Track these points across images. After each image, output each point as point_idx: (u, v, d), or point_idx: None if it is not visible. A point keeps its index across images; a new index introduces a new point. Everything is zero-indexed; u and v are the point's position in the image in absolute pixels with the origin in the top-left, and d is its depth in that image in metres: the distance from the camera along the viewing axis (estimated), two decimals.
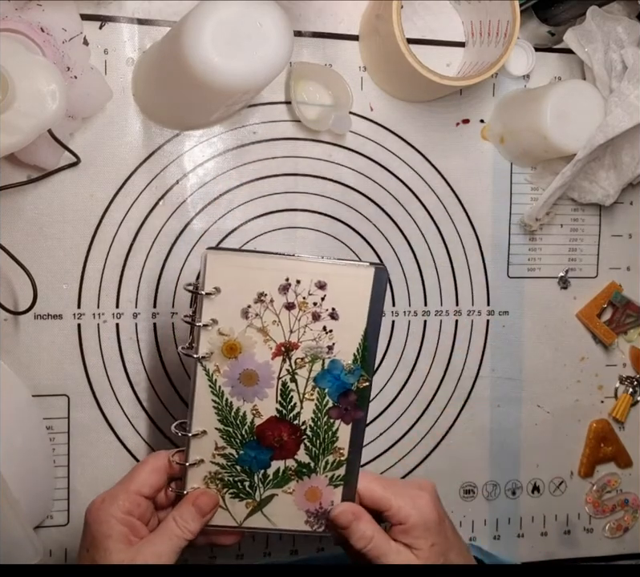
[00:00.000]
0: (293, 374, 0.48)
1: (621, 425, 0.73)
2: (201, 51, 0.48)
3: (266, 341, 0.47)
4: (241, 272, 0.46)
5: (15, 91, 0.48)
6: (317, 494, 0.50)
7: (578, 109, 0.61)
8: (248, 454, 0.49)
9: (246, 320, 0.47)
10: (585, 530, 0.72)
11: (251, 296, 0.47)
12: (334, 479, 0.50)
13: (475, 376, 0.68)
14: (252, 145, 0.62)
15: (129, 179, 0.60)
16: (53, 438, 0.59)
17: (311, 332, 0.47)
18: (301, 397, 0.48)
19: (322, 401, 0.48)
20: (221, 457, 0.49)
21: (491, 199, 0.67)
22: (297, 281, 0.47)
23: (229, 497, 0.49)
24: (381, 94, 0.64)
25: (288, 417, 0.48)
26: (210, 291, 0.46)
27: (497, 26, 0.60)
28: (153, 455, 0.50)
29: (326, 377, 0.48)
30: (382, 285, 0.47)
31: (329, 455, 0.49)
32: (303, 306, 0.47)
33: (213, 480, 0.49)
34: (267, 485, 0.49)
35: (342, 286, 0.47)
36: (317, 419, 0.49)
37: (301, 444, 0.49)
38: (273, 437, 0.49)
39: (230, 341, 0.47)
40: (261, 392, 0.48)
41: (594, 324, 0.70)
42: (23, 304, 0.57)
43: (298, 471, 0.49)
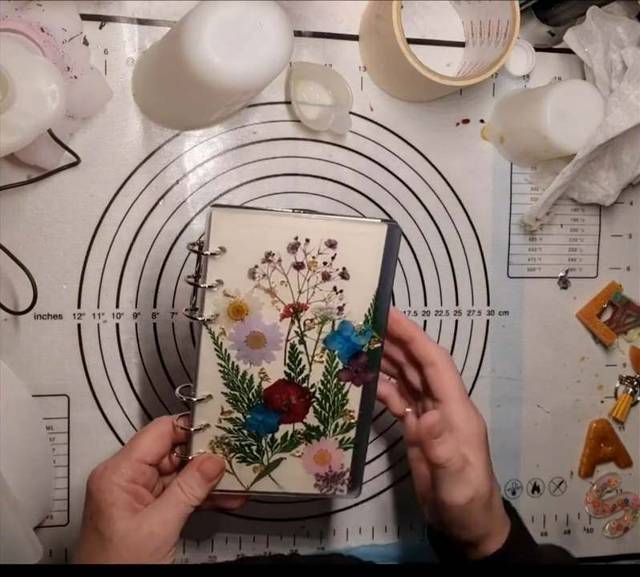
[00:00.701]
0: (302, 336, 0.46)
1: (621, 425, 0.73)
2: (201, 51, 0.48)
3: (274, 303, 0.46)
4: (248, 230, 0.44)
5: (15, 91, 0.48)
6: (326, 457, 0.49)
7: (578, 109, 0.61)
8: (255, 418, 0.47)
9: (253, 280, 0.45)
10: (585, 530, 0.72)
11: (258, 255, 0.45)
12: (344, 442, 0.49)
13: (475, 376, 0.68)
14: (252, 145, 0.62)
15: (129, 179, 0.60)
16: (53, 438, 0.59)
17: (321, 293, 0.46)
18: (310, 359, 0.47)
19: (332, 364, 0.47)
20: (228, 422, 0.48)
21: (491, 199, 0.67)
22: (306, 240, 0.45)
23: (236, 461, 0.48)
24: (381, 94, 0.64)
25: (296, 379, 0.47)
26: (215, 251, 0.44)
27: (497, 26, 0.60)
28: (156, 421, 0.48)
29: (336, 338, 0.47)
30: (394, 243, 0.45)
31: (339, 418, 0.48)
32: (312, 266, 0.45)
33: (219, 445, 0.48)
34: (275, 449, 0.48)
35: (353, 244, 0.45)
36: (326, 382, 0.47)
37: (310, 407, 0.48)
38: (281, 401, 0.47)
39: (236, 303, 0.45)
40: (269, 354, 0.47)
41: (594, 324, 0.70)
42: (23, 304, 0.57)
43: (307, 434, 0.48)
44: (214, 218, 0.44)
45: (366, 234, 0.45)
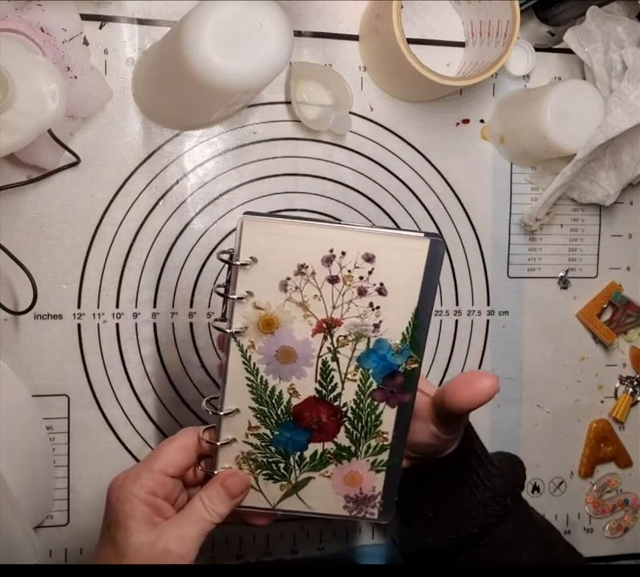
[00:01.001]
0: (334, 353, 0.44)
1: (621, 425, 0.73)
2: (201, 51, 0.48)
3: (306, 317, 0.43)
4: (281, 241, 0.42)
5: (15, 91, 0.48)
6: (357, 479, 0.47)
7: (578, 109, 0.61)
8: (283, 435, 0.46)
9: (285, 293, 0.43)
10: (585, 530, 0.72)
11: (291, 267, 0.43)
12: (377, 464, 0.46)
13: None
14: (252, 145, 0.62)
15: (129, 179, 0.60)
16: (53, 438, 0.59)
17: (356, 309, 0.43)
18: (342, 377, 0.45)
19: (366, 383, 0.45)
20: (255, 437, 0.46)
21: (491, 199, 0.67)
22: (342, 253, 0.42)
23: (263, 478, 0.47)
24: (381, 94, 0.64)
25: (328, 397, 0.45)
26: (246, 261, 0.42)
27: (497, 26, 0.60)
28: (182, 432, 0.47)
29: (371, 357, 0.44)
30: (437, 259, 0.43)
31: (371, 439, 0.46)
32: (348, 280, 0.43)
33: (246, 460, 0.46)
34: (303, 467, 0.47)
35: (392, 259, 0.42)
36: (359, 401, 0.45)
37: (342, 426, 0.46)
38: (311, 419, 0.45)
39: (267, 316, 0.43)
40: (299, 370, 0.44)
41: (594, 324, 0.70)
42: (23, 304, 0.57)
43: (337, 454, 0.46)
44: (245, 227, 0.42)
45: (406, 248, 0.42)
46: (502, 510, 0.50)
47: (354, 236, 0.42)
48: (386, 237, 0.42)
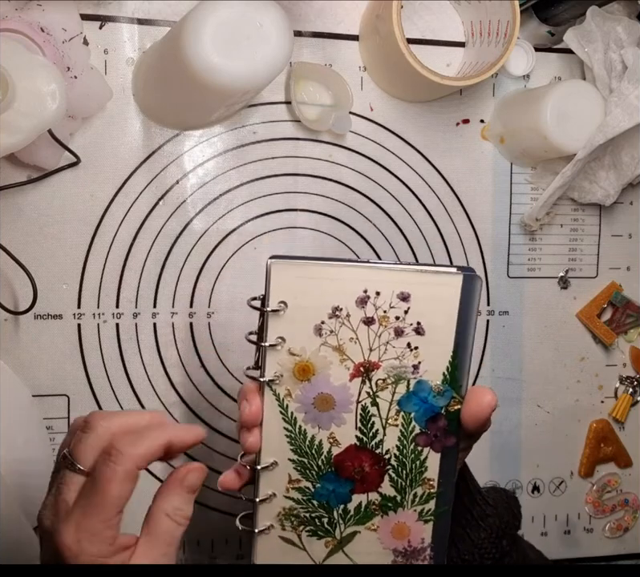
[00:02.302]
0: (374, 397, 0.42)
1: (621, 425, 0.73)
2: (201, 51, 0.48)
3: (343, 361, 0.42)
4: (312, 283, 0.41)
5: (15, 91, 0.48)
6: (405, 530, 0.44)
7: (578, 109, 0.61)
8: (325, 488, 0.43)
9: (320, 337, 0.41)
10: (585, 530, 0.72)
11: (324, 310, 0.41)
12: (424, 514, 0.44)
13: (475, 376, 0.68)
14: (252, 145, 0.62)
15: (129, 179, 0.60)
16: (53, 438, 0.59)
17: (394, 350, 0.42)
18: (383, 422, 0.43)
19: (408, 427, 0.43)
20: (296, 492, 0.43)
21: (491, 199, 0.68)
22: (376, 293, 0.41)
23: (306, 535, 0.44)
24: (381, 94, 0.64)
25: (369, 445, 0.43)
26: (277, 307, 0.41)
27: (497, 26, 0.60)
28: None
29: (412, 399, 0.42)
30: (473, 293, 0.41)
31: (417, 487, 0.43)
32: (384, 321, 0.41)
33: (288, 517, 0.44)
34: (348, 521, 0.44)
35: (427, 296, 0.41)
36: (402, 447, 0.43)
37: (385, 475, 0.43)
38: (353, 468, 0.43)
39: (302, 362, 0.42)
40: (339, 418, 0.42)
41: (594, 324, 0.70)
42: (23, 304, 0.57)
43: (383, 505, 0.44)
44: (274, 271, 0.40)
45: (440, 284, 0.41)
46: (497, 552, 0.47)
47: (387, 274, 0.41)
48: (419, 274, 0.41)
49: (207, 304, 0.62)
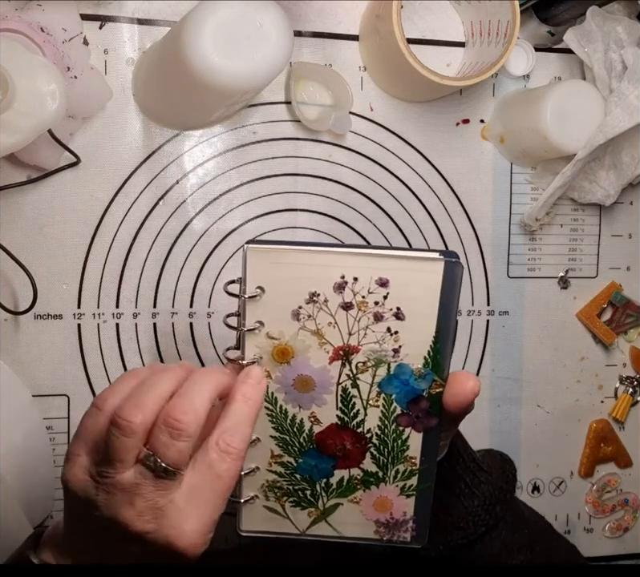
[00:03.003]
0: (354, 379, 0.43)
1: (621, 425, 0.73)
2: (201, 51, 0.48)
3: (322, 345, 0.42)
4: (289, 269, 0.41)
5: (15, 91, 0.48)
6: (387, 504, 0.45)
7: (578, 109, 0.61)
8: (307, 463, 0.44)
9: (298, 322, 0.42)
10: (585, 530, 0.72)
11: (302, 296, 0.41)
12: (406, 489, 0.45)
13: (476, 376, 0.68)
14: (252, 145, 0.62)
15: (129, 179, 0.60)
16: (53, 438, 0.59)
17: (373, 334, 0.42)
18: (364, 403, 0.43)
19: (389, 408, 0.43)
20: (279, 466, 0.45)
21: (491, 199, 0.68)
22: (354, 278, 0.41)
23: (290, 505, 0.45)
24: (381, 94, 0.64)
25: (350, 424, 0.44)
26: (254, 293, 0.41)
27: (497, 26, 0.60)
28: None
29: (393, 382, 0.43)
30: (454, 279, 0.41)
31: (399, 464, 0.44)
32: (363, 306, 0.41)
33: (271, 488, 0.45)
34: (331, 494, 0.45)
35: (407, 282, 0.41)
36: (384, 427, 0.44)
37: (367, 452, 0.44)
38: (334, 446, 0.44)
39: (281, 345, 0.42)
40: (319, 398, 0.43)
41: (594, 324, 0.70)
42: (23, 304, 0.57)
43: (365, 480, 0.45)
44: (250, 256, 0.41)
45: (421, 271, 0.41)
46: (492, 519, 0.48)
47: (365, 260, 0.41)
48: (398, 260, 0.41)
49: (207, 304, 0.62)
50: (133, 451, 0.39)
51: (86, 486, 0.40)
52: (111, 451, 0.39)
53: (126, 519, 0.39)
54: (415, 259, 0.41)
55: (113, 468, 0.39)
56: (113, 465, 0.39)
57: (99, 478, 0.40)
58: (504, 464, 0.52)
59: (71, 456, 0.41)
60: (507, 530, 0.49)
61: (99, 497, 0.40)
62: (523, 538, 0.49)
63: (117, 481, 0.39)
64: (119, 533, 0.39)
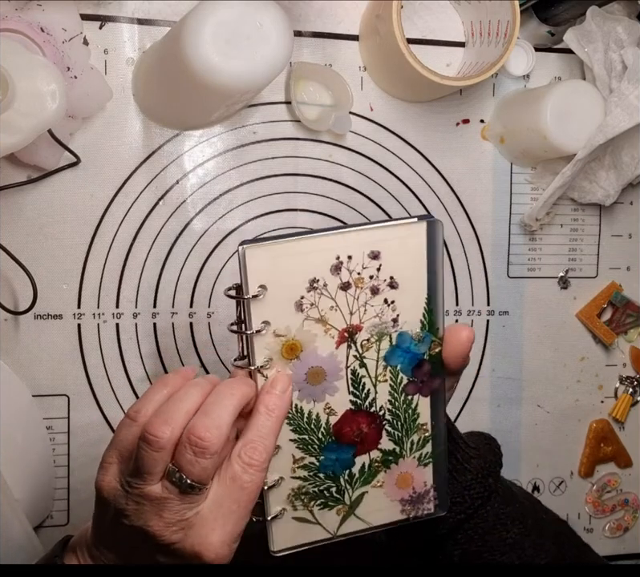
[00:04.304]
0: (361, 359, 0.43)
1: (621, 425, 0.73)
2: (201, 51, 0.48)
3: (327, 331, 0.42)
4: (287, 261, 0.41)
5: (15, 91, 0.48)
6: (408, 479, 0.46)
7: (578, 109, 0.61)
8: (329, 458, 0.44)
9: (302, 313, 0.42)
10: (585, 530, 0.72)
11: (302, 285, 0.41)
12: (423, 458, 0.46)
13: (476, 376, 0.68)
14: (252, 145, 0.62)
15: (129, 179, 0.60)
16: (53, 438, 0.59)
17: (372, 309, 0.43)
18: (373, 381, 0.44)
19: (397, 380, 0.44)
20: (302, 469, 0.44)
21: (491, 199, 0.68)
22: (348, 257, 0.41)
23: (318, 509, 0.45)
24: (381, 94, 0.64)
25: (364, 406, 0.44)
26: (256, 292, 0.41)
27: (497, 26, 0.60)
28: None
29: (396, 352, 0.44)
30: (437, 239, 0.42)
31: (413, 435, 0.45)
32: (359, 282, 0.42)
33: (297, 496, 0.44)
34: (355, 484, 0.45)
35: (395, 250, 0.42)
36: (394, 400, 0.44)
37: (383, 431, 0.45)
38: (352, 433, 0.44)
39: (289, 341, 0.42)
40: (331, 387, 0.43)
41: (594, 324, 0.70)
42: (23, 304, 0.57)
43: (385, 460, 0.45)
44: (248, 256, 0.40)
45: (406, 236, 0.42)
46: (486, 490, 0.49)
47: (355, 236, 0.42)
48: (384, 230, 0.42)
49: (207, 304, 0.62)
50: (161, 465, 0.40)
51: (117, 495, 0.41)
52: (140, 464, 0.40)
53: (154, 529, 0.40)
54: (401, 225, 0.42)
55: (142, 480, 0.40)
56: (142, 477, 0.40)
57: (129, 489, 0.41)
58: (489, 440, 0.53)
59: (105, 464, 0.43)
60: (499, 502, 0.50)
61: (129, 506, 0.40)
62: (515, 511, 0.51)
63: (145, 493, 0.40)
64: (147, 542, 0.40)
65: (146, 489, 0.40)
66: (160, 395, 0.43)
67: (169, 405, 0.41)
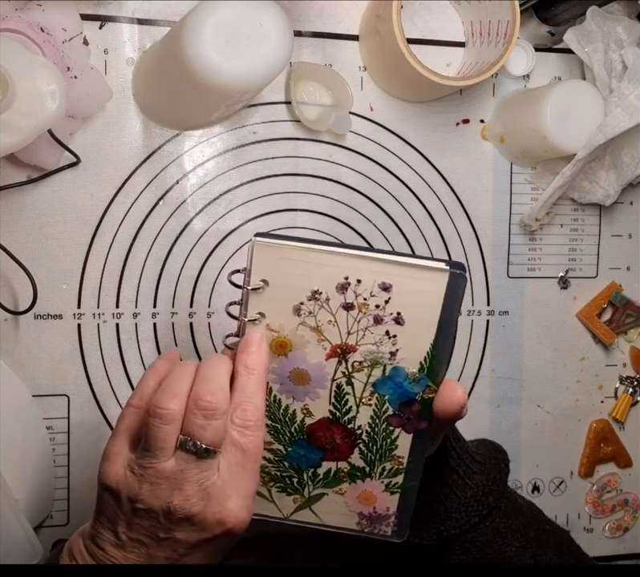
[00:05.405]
0: (349, 377, 0.44)
1: (621, 425, 0.73)
2: (201, 51, 0.48)
3: (320, 341, 0.43)
4: (293, 265, 0.41)
5: (15, 91, 0.48)
6: (371, 498, 0.46)
7: (578, 109, 0.61)
8: (296, 452, 0.45)
9: (298, 317, 0.42)
10: (585, 530, 0.72)
11: (304, 292, 0.42)
12: (391, 486, 0.46)
13: (476, 376, 0.68)
14: (252, 145, 0.62)
15: (129, 179, 0.60)
16: (53, 438, 0.59)
17: (372, 336, 0.43)
18: (357, 401, 0.44)
19: (381, 408, 0.44)
20: (268, 452, 0.46)
21: (491, 199, 0.68)
22: (357, 281, 0.41)
23: (276, 491, 0.47)
24: (381, 94, 0.64)
25: (342, 420, 0.45)
26: (257, 285, 0.42)
27: (497, 26, 0.60)
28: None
29: (387, 383, 0.44)
30: (458, 291, 0.41)
31: (386, 462, 0.45)
32: (364, 308, 0.42)
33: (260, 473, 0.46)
34: (317, 483, 0.46)
35: (410, 289, 0.41)
36: (374, 425, 0.45)
37: (356, 448, 0.45)
38: (324, 439, 0.45)
39: (280, 338, 0.43)
40: (313, 392, 0.44)
41: (594, 324, 0.70)
42: (23, 304, 0.57)
43: (351, 474, 0.46)
44: (257, 249, 0.41)
45: (425, 279, 0.41)
46: (485, 509, 0.49)
47: (371, 264, 0.41)
48: (403, 267, 0.41)
49: (207, 304, 0.62)
50: (172, 439, 0.41)
51: (128, 481, 0.42)
52: (152, 441, 0.41)
53: (175, 505, 0.40)
54: (421, 267, 0.41)
55: (155, 458, 0.41)
56: (154, 455, 0.41)
57: (142, 471, 0.41)
58: (498, 454, 0.53)
59: (111, 455, 0.44)
60: (500, 517, 0.50)
61: (143, 489, 0.41)
62: (517, 524, 0.50)
63: (160, 470, 0.41)
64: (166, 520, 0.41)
65: (160, 466, 0.41)
66: (155, 381, 0.44)
67: (170, 382, 0.43)
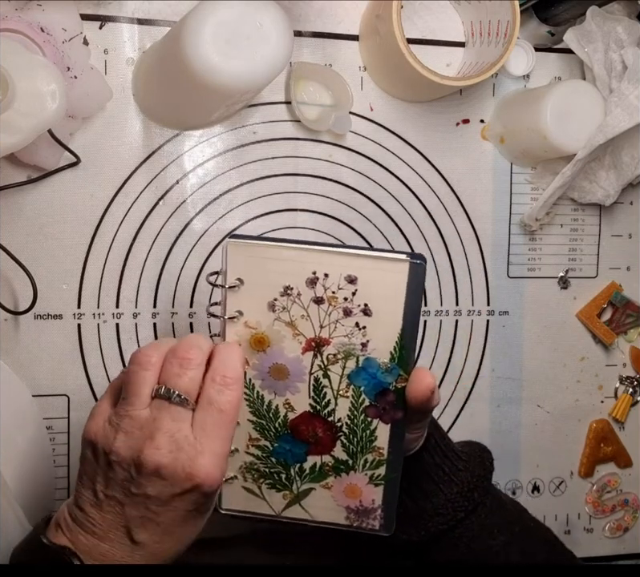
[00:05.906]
0: (325, 370, 0.45)
1: (621, 425, 0.73)
2: (201, 51, 0.48)
3: (295, 336, 0.45)
4: (265, 263, 0.44)
5: (15, 91, 0.48)
6: (356, 491, 0.48)
7: (578, 109, 0.61)
8: (282, 447, 0.47)
9: (273, 313, 0.45)
10: (585, 530, 0.72)
11: (277, 288, 0.44)
12: (375, 478, 0.47)
13: (475, 376, 0.68)
14: (252, 145, 0.62)
15: (129, 179, 0.60)
16: (53, 438, 0.59)
17: (343, 328, 0.45)
18: (335, 393, 0.46)
19: (358, 400, 0.46)
20: (256, 449, 0.47)
21: (491, 199, 0.68)
22: (325, 275, 0.44)
23: (266, 487, 0.48)
24: (381, 94, 0.64)
25: (322, 413, 0.46)
26: (233, 283, 0.44)
27: (497, 26, 0.60)
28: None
29: (361, 374, 0.45)
30: (419, 280, 0.44)
31: (368, 454, 0.47)
32: (333, 301, 0.44)
33: (249, 470, 0.48)
34: (304, 479, 0.48)
35: (374, 280, 0.44)
36: (353, 417, 0.46)
37: (338, 441, 0.47)
38: (307, 432, 0.47)
39: (258, 334, 0.45)
40: (293, 386, 0.46)
41: (594, 324, 0.70)
42: (23, 304, 0.57)
43: (336, 467, 0.47)
44: (230, 250, 0.44)
45: (387, 270, 0.44)
46: (470, 504, 0.50)
47: (336, 258, 0.44)
48: (366, 260, 0.44)
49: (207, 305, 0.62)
50: (149, 386, 0.42)
51: (105, 432, 0.43)
52: (129, 387, 0.42)
53: (145, 454, 0.41)
54: (382, 259, 0.44)
55: (131, 405, 0.42)
56: (130, 401, 0.42)
57: (118, 419, 0.42)
58: (482, 453, 0.54)
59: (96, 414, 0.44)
60: (486, 513, 0.51)
61: (118, 439, 0.42)
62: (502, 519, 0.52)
63: (134, 418, 0.42)
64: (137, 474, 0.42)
65: (135, 413, 0.42)
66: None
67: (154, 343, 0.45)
